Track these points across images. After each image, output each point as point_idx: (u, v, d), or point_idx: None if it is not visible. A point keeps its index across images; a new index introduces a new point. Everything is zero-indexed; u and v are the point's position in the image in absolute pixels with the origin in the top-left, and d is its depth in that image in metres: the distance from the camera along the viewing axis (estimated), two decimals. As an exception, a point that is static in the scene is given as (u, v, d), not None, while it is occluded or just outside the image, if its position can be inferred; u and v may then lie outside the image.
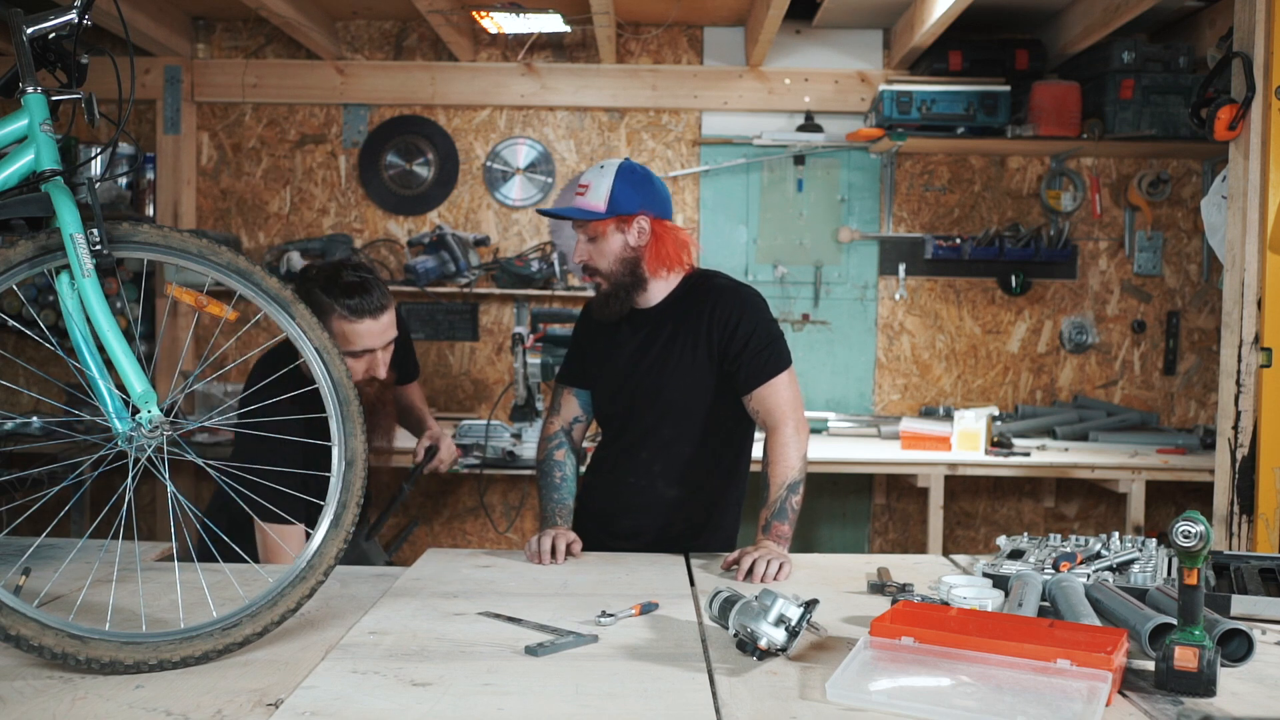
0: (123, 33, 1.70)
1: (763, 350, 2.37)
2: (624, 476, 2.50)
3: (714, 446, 2.47)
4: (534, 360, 4.59)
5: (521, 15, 4.27)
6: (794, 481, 2.30)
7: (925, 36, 4.25)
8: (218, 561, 1.97)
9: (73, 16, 1.58)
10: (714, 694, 1.44)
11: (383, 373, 2.40)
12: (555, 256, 4.75)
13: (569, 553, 2.27)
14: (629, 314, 2.46)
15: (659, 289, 2.45)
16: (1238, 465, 2.70)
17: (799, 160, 4.86)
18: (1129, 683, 1.50)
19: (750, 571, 2.09)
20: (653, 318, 2.46)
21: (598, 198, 2.36)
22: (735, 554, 2.18)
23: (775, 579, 2.08)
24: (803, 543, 4.91)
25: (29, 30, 1.56)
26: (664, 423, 2.45)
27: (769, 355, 2.38)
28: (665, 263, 2.41)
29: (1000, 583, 1.92)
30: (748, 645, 1.57)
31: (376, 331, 2.34)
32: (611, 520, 2.49)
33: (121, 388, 1.56)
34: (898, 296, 4.89)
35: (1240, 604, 1.81)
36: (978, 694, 1.38)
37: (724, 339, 2.39)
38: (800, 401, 2.41)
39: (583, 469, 2.64)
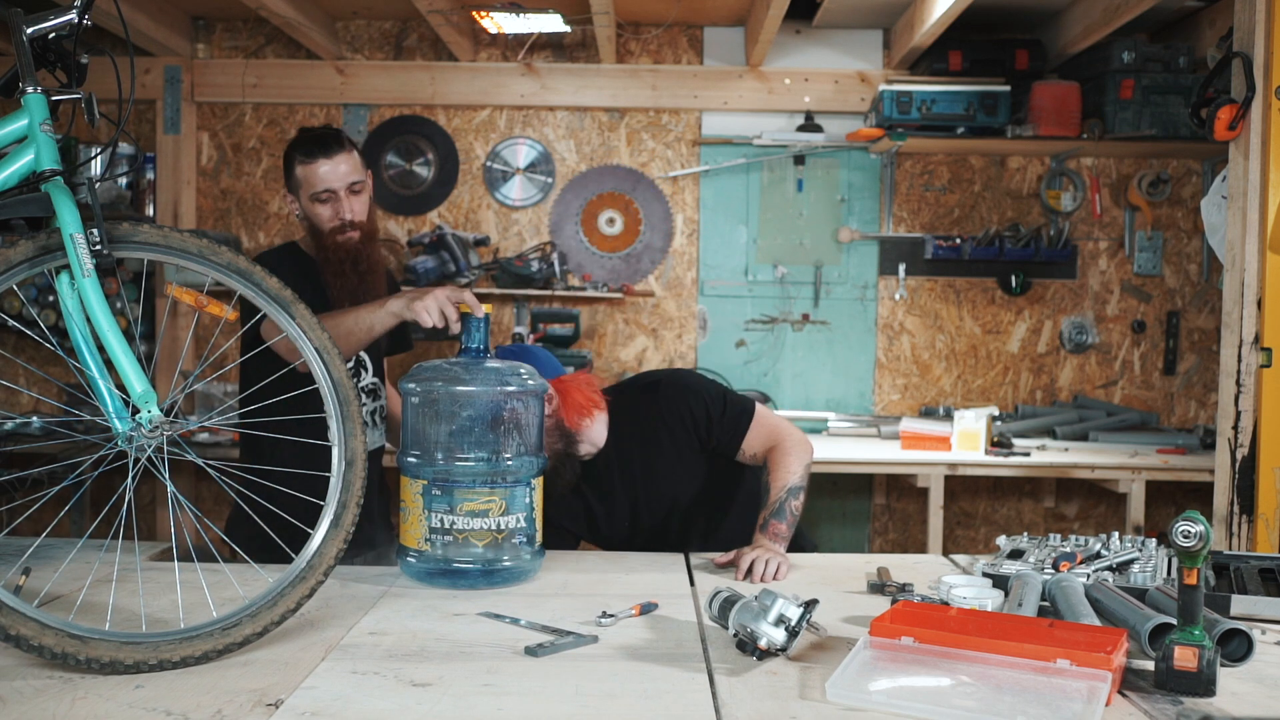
0: (123, 33, 1.70)
1: (726, 412, 2.42)
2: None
3: (738, 493, 2.51)
4: (534, 360, 4.59)
5: (521, 15, 4.27)
6: (794, 486, 2.30)
7: (925, 36, 4.25)
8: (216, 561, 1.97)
9: (73, 16, 1.58)
10: (714, 694, 1.44)
11: (348, 214, 2.48)
12: (555, 257, 4.75)
13: None
14: (586, 471, 2.43)
15: (597, 430, 2.42)
16: (1238, 465, 2.70)
17: (799, 160, 4.86)
18: (1129, 683, 1.50)
19: (749, 571, 2.09)
20: (613, 453, 2.44)
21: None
22: (732, 553, 2.18)
23: (774, 579, 2.09)
24: (803, 543, 4.91)
25: (29, 30, 1.56)
26: (689, 515, 2.48)
27: (735, 412, 2.42)
28: (583, 412, 2.38)
29: (1000, 583, 1.92)
30: (747, 645, 1.57)
31: (333, 172, 2.46)
32: None
33: (121, 388, 1.56)
34: (898, 296, 4.89)
35: (1240, 604, 1.81)
36: (978, 694, 1.38)
37: (691, 429, 2.41)
38: (786, 423, 2.45)
39: None
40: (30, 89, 1.55)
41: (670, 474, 2.44)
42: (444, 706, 1.38)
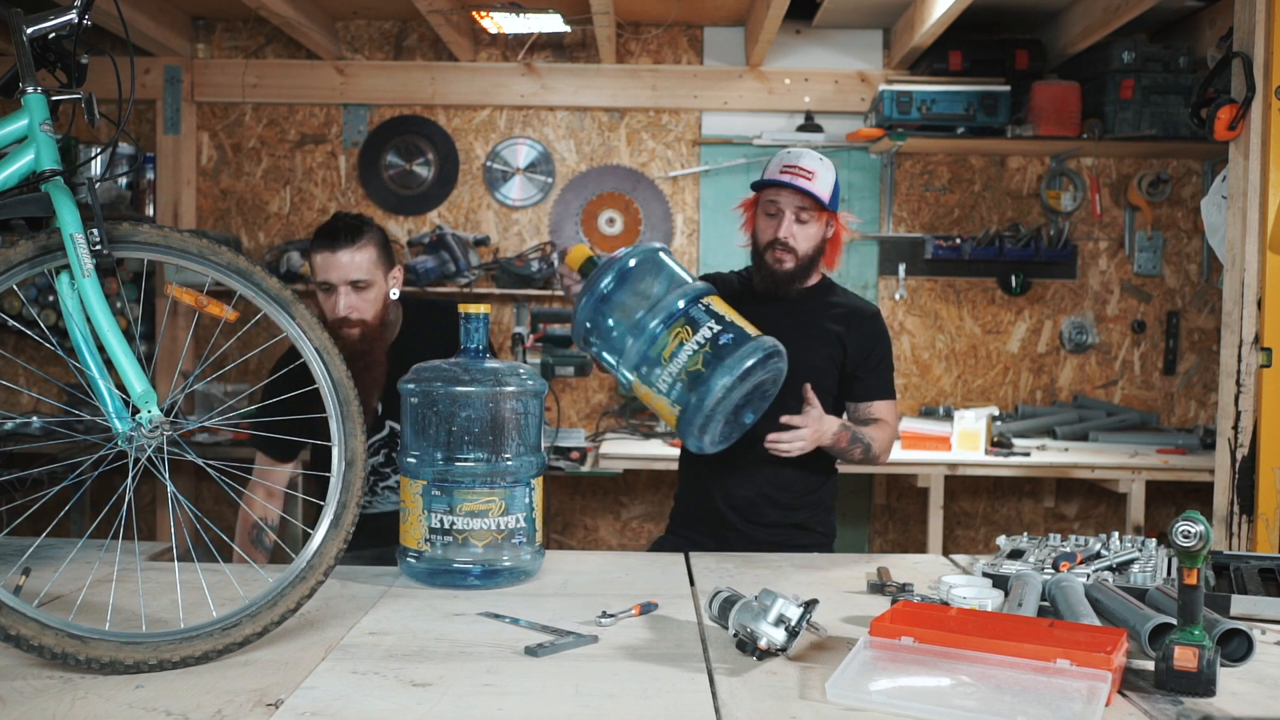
0: (123, 33, 1.70)
1: (887, 374, 2.61)
2: (747, 460, 2.51)
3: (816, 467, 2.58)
4: (534, 360, 4.58)
5: (521, 15, 4.27)
6: (870, 445, 2.48)
7: (925, 36, 4.25)
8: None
9: (73, 16, 1.58)
10: (714, 694, 1.44)
11: (341, 311, 2.47)
12: (555, 256, 4.75)
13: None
14: (768, 294, 2.55)
15: (813, 282, 2.60)
16: (1238, 465, 2.70)
17: (799, 160, 4.86)
18: (1129, 683, 1.50)
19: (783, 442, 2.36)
20: (793, 303, 2.56)
21: (825, 188, 2.47)
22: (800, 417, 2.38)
23: (783, 451, 2.35)
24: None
25: (29, 30, 1.56)
26: (783, 401, 2.50)
27: (886, 380, 2.61)
28: (829, 264, 2.59)
29: (1000, 583, 1.92)
30: (747, 645, 1.57)
31: (336, 265, 2.45)
32: (755, 511, 2.55)
33: (121, 388, 1.56)
34: (898, 296, 4.89)
35: (1240, 604, 1.81)
36: (978, 694, 1.38)
37: (860, 356, 2.55)
38: (896, 428, 2.66)
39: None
40: (30, 89, 1.55)
41: (814, 355, 2.52)
42: (444, 706, 1.38)
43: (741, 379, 2.11)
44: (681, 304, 2.14)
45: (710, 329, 2.12)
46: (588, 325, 2.19)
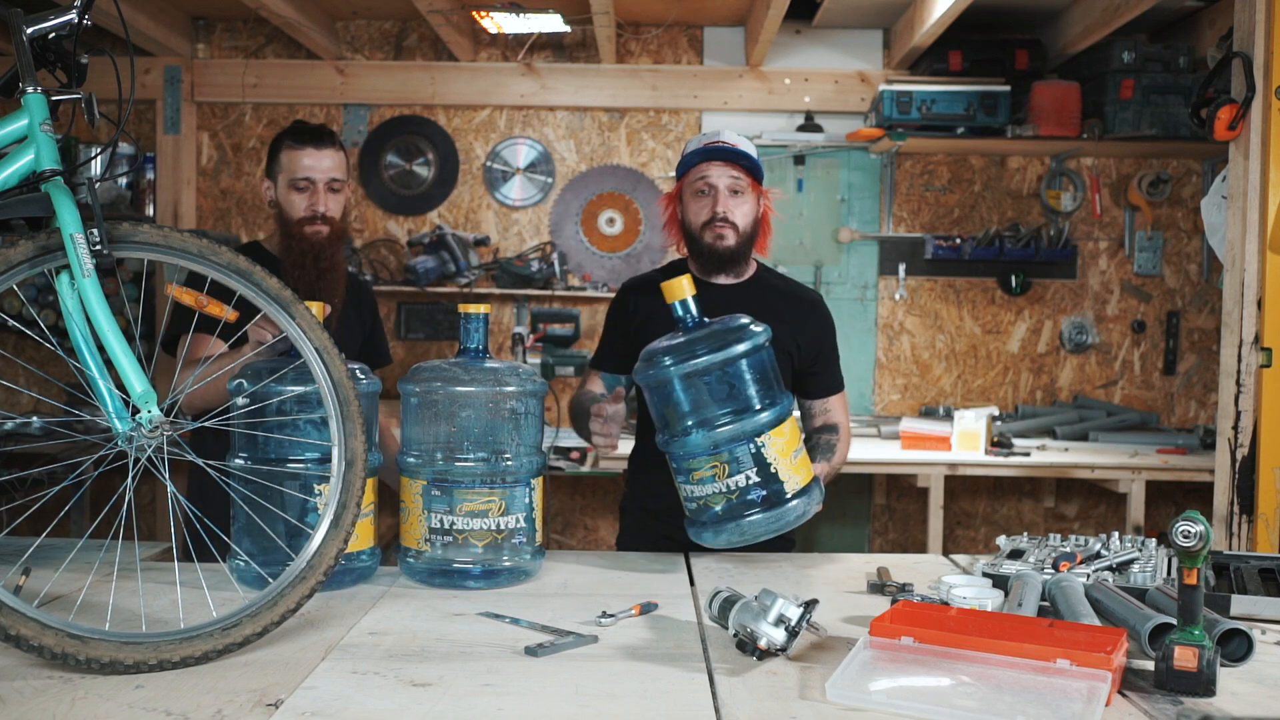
0: (123, 33, 1.70)
1: (837, 364, 2.50)
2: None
3: None
4: (534, 360, 4.59)
5: (521, 15, 4.27)
6: (834, 457, 2.36)
7: (925, 36, 4.25)
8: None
9: (73, 16, 1.58)
10: (713, 694, 1.44)
11: (321, 207, 2.52)
12: (555, 257, 4.75)
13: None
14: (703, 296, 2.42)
15: (745, 273, 2.46)
16: (1238, 465, 2.70)
17: (799, 160, 4.86)
18: (1129, 683, 1.50)
19: None
20: (736, 300, 2.40)
21: (753, 156, 2.40)
22: None
23: None
24: (803, 543, 4.91)
25: (29, 30, 1.56)
26: None
27: (838, 371, 2.51)
28: (761, 246, 2.46)
29: (1000, 583, 1.92)
30: (747, 645, 1.57)
31: (316, 164, 2.52)
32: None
33: (121, 388, 1.56)
34: (898, 296, 4.89)
35: (1240, 604, 1.81)
36: (978, 694, 1.38)
37: (813, 347, 2.45)
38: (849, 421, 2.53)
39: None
40: (30, 89, 1.55)
41: None
42: (444, 706, 1.38)
43: (747, 539, 1.99)
44: (737, 442, 1.94)
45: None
46: (659, 382, 1.99)
